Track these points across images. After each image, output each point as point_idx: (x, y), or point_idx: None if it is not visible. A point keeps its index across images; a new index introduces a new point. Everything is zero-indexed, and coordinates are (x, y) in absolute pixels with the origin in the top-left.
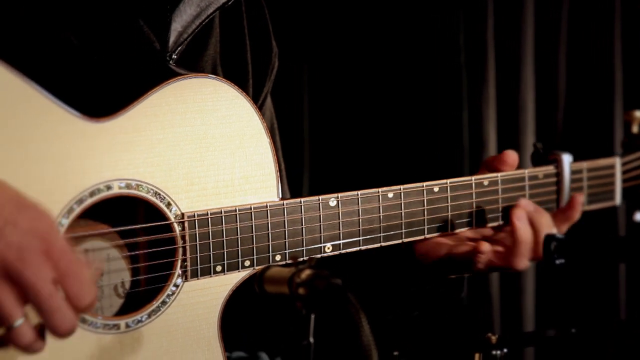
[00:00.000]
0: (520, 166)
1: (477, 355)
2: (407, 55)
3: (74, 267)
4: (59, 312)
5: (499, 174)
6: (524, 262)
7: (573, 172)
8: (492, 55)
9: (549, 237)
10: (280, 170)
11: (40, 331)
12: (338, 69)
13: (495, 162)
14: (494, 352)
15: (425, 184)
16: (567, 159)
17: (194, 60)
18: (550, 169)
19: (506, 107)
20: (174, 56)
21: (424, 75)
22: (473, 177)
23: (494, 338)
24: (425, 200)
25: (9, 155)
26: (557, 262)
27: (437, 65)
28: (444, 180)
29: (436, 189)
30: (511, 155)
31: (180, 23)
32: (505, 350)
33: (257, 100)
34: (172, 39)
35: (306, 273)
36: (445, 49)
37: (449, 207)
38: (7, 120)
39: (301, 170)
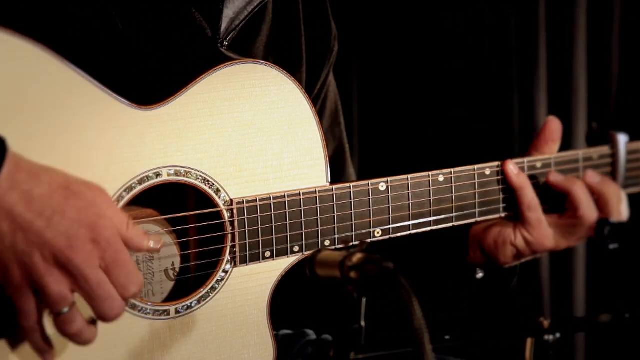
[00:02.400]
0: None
1: (529, 340)
2: (457, 39)
3: (120, 256)
4: (108, 299)
5: (552, 156)
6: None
7: (629, 152)
8: (544, 37)
9: (603, 222)
10: (344, 151)
11: (92, 321)
12: (386, 54)
13: (541, 136)
14: (546, 337)
15: (476, 166)
16: (622, 139)
17: (245, 47)
18: (605, 149)
19: (558, 91)
20: (226, 43)
21: (475, 58)
22: (525, 159)
23: (546, 323)
24: (476, 184)
25: (61, 144)
26: (611, 246)
27: (488, 48)
28: (496, 163)
29: (488, 172)
30: (553, 122)
31: (232, 9)
32: (557, 335)
33: (313, 86)
34: (223, 25)
35: (358, 257)
36: (496, 31)
37: (501, 190)
38: (58, 109)
39: (351, 155)
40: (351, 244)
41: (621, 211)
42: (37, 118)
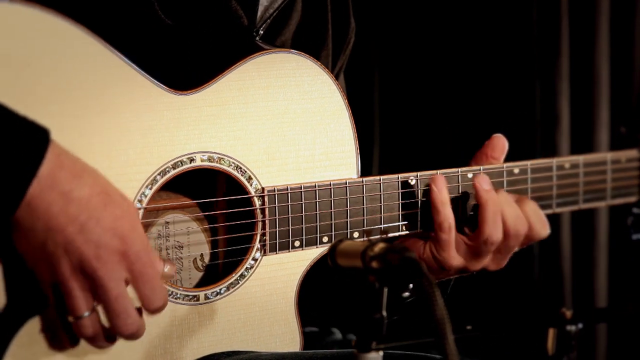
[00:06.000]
0: (596, 144)
1: (551, 331)
2: (479, 29)
3: (147, 270)
4: (123, 314)
5: (581, 157)
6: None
7: None
8: (566, 27)
9: (626, 212)
10: None
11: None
12: (408, 43)
13: (482, 151)
14: (568, 328)
15: (505, 165)
16: None
17: (277, 34)
18: (634, 152)
19: (580, 81)
20: (261, 31)
21: (496, 48)
22: (554, 160)
23: (568, 313)
24: (505, 182)
25: (99, 126)
26: (634, 236)
27: (510, 38)
28: (525, 162)
29: (516, 171)
30: (499, 139)
31: None
32: (580, 325)
33: None
34: (258, 14)
35: (379, 246)
36: (518, 21)
37: (529, 190)
38: (98, 90)
39: (371, 144)
40: (376, 237)
41: (544, 226)
42: (76, 98)
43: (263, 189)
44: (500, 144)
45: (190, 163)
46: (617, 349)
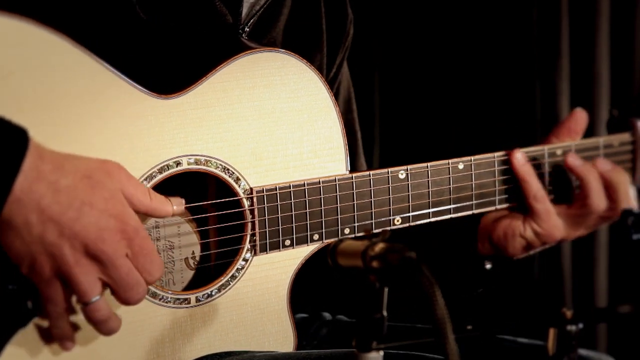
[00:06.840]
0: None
1: (551, 331)
2: (479, 28)
3: (146, 244)
4: (136, 286)
5: (573, 143)
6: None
7: None
8: (566, 26)
9: (626, 212)
10: (356, 140)
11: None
12: (409, 42)
13: (565, 124)
14: (568, 328)
15: (496, 154)
16: None
17: (266, 31)
18: (626, 136)
19: (580, 80)
20: (247, 29)
21: (497, 47)
22: (546, 147)
23: (569, 313)
24: (496, 171)
25: (83, 133)
26: (634, 236)
27: (510, 38)
28: (517, 150)
29: (507, 159)
30: (581, 113)
31: None
32: (580, 325)
33: (330, 70)
34: (244, 11)
35: (380, 246)
36: (518, 21)
37: None
38: (80, 98)
39: (372, 144)
40: (373, 231)
41: (630, 200)
42: (60, 107)
43: (251, 189)
44: (582, 117)
45: (177, 167)
46: (617, 349)
